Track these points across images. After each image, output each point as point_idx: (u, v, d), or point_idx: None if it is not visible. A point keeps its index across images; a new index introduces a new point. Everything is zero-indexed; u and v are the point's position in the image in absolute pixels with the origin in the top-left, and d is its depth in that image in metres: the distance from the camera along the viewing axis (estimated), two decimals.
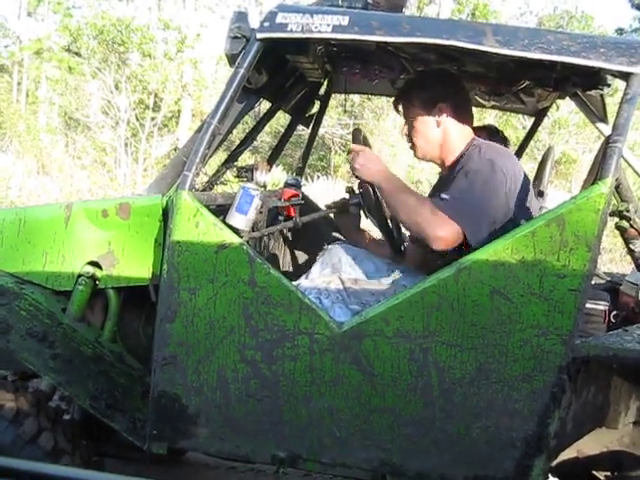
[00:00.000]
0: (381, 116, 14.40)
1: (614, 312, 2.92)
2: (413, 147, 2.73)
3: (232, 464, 3.45)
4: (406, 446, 2.22)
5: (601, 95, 2.83)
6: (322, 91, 3.56)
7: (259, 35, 2.33)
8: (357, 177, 2.51)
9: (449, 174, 2.58)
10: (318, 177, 13.13)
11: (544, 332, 2.12)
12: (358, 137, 2.67)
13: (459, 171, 2.46)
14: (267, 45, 2.37)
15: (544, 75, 2.68)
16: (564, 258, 2.09)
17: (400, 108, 2.74)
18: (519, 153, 3.62)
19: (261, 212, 2.79)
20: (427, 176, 12.23)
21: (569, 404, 2.19)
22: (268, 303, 2.23)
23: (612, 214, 2.20)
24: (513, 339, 2.14)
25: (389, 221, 2.71)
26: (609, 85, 2.71)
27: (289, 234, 3.48)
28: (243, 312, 2.24)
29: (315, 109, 3.63)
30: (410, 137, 2.70)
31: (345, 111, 14.43)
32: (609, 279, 3.33)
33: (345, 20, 2.31)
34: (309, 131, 3.69)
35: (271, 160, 3.49)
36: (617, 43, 2.25)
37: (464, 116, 2.66)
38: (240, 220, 2.45)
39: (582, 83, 2.70)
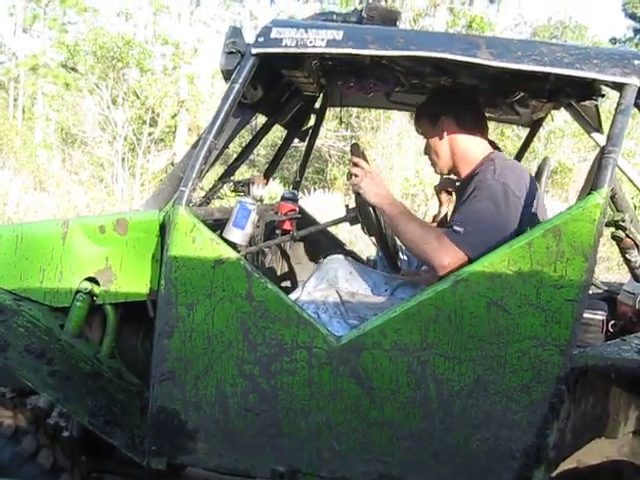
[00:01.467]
0: (378, 128, 14.44)
1: (612, 322, 2.92)
2: (432, 164, 2.80)
3: (232, 479, 3.44)
4: (405, 459, 2.22)
5: (595, 105, 2.85)
6: (318, 105, 3.57)
7: (254, 50, 2.34)
8: (361, 198, 2.51)
9: (464, 187, 2.59)
10: (315, 190, 13.15)
11: (542, 343, 2.12)
12: (357, 152, 2.68)
13: (472, 191, 2.45)
14: (262, 60, 2.39)
15: (538, 86, 2.69)
16: (561, 269, 2.10)
17: (419, 132, 2.83)
18: None
19: (258, 226, 2.80)
20: (423, 189, 12.26)
21: (568, 415, 2.19)
22: (266, 317, 2.23)
23: (608, 224, 2.21)
24: (511, 350, 2.14)
25: (387, 237, 2.71)
26: (603, 95, 2.73)
27: (287, 248, 3.49)
28: (241, 327, 2.24)
29: (311, 123, 3.64)
30: (427, 155, 2.79)
31: (341, 123, 14.47)
32: (606, 289, 3.34)
33: (339, 34, 2.32)
34: (305, 145, 3.70)
35: (267, 174, 3.50)
36: (610, 54, 2.26)
37: (471, 127, 2.68)
38: (237, 235, 2.46)
39: (576, 94, 2.71)
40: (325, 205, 10.61)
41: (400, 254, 3.27)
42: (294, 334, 2.21)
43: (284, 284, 3.54)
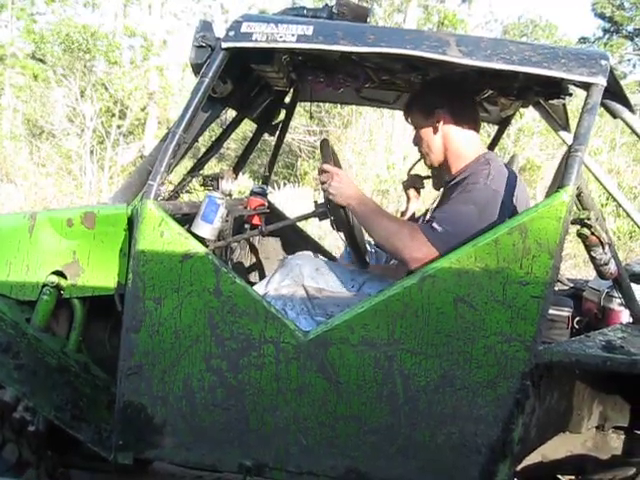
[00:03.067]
0: (349, 124, 14.45)
1: (577, 318, 2.96)
2: (422, 156, 2.77)
3: (199, 474, 3.43)
4: (372, 454, 2.23)
5: (563, 104, 2.88)
6: (288, 99, 3.57)
7: (224, 44, 2.33)
8: (331, 200, 2.50)
9: (454, 185, 2.57)
10: (285, 184, 13.11)
11: (507, 339, 2.15)
12: (326, 148, 2.68)
13: (461, 192, 2.44)
14: (232, 54, 2.38)
15: (507, 84, 2.72)
16: (527, 265, 2.12)
17: (409, 122, 2.80)
18: None
19: (227, 221, 2.79)
20: (394, 185, 12.29)
21: (533, 410, 2.21)
22: (234, 312, 2.22)
23: (574, 222, 2.23)
24: (477, 346, 2.16)
25: (355, 232, 2.71)
26: (571, 94, 2.76)
27: (256, 242, 3.48)
28: (209, 321, 2.24)
29: (281, 117, 3.64)
30: (418, 146, 2.75)
31: (312, 118, 14.45)
32: (572, 285, 3.38)
33: (310, 30, 2.32)
34: (275, 139, 3.70)
35: (237, 168, 3.49)
36: (578, 54, 2.29)
37: (465, 122, 2.66)
38: (206, 229, 2.45)
39: (544, 92, 2.74)
40: (295, 200, 10.59)
41: (369, 248, 3.28)
42: (262, 329, 2.21)
43: (253, 279, 3.54)
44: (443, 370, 2.18)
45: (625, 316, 3.01)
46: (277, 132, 3.64)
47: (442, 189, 2.86)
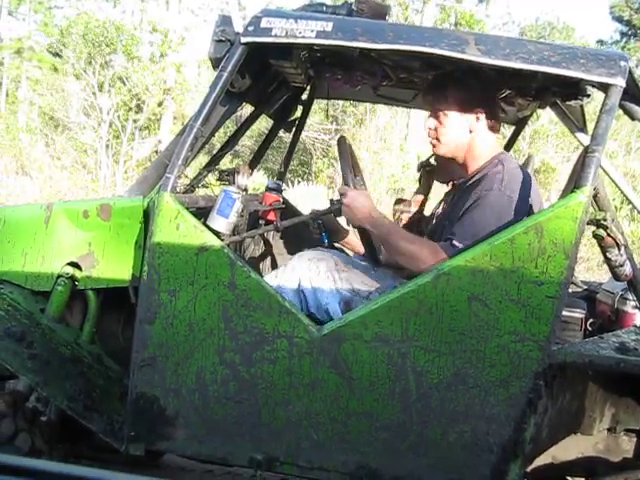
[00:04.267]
0: (364, 122, 14.45)
1: (591, 320, 2.95)
2: (435, 143, 2.64)
3: (209, 467, 3.44)
4: (383, 450, 2.23)
5: (581, 105, 2.87)
6: (305, 96, 3.57)
7: (243, 39, 2.34)
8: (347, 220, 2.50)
9: (468, 188, 2.55)
10: (299, 182, 13.13)
11: (521, 338, 2.14)
12: (343, 146, 2.67)
13: (476, 200, 2.40)
14: (251, 49, 2.38)
15: (525, 84, 2.71)
16: (542, 265, 2.12)
17: (429, 100, 2.65)
18: None
19: (242, 216, 2.79)
20: (409, 185, 12.29)
21: (545, 410, 2.21)
22: (248, 306, 2.23)
23: (589, 222, 2.23)
24: (490, 345, 2.15)
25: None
26: (588, 95, 2.75)
27: (270, 238, 3.49)
28: (223, 315, 2.25)
29: (297, 114, 3.64)
30: (435, 133, 2.62)
31: (327, 117, 14.45)
32: (586, 287, 3.37)
33: (329, 26, 2.32)
34: (291, 136, 3.70)
35: (253, 164, 3.50)
36: (597, 54, 2.28)
37: (496, 125, 2.63)
38: (221, 223, 2.46)
39: (562, 93, 2.73)
40: (309, 198, 10.60)
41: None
42: (276, 323, 2.22)
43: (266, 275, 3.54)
44: (456, 368, 2.18)
45: (639, 319, 3.01)
46: (293, 129, 3.64)
47: (450, 186, 2.85)
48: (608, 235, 2.22)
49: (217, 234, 2.41)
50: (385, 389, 2.20)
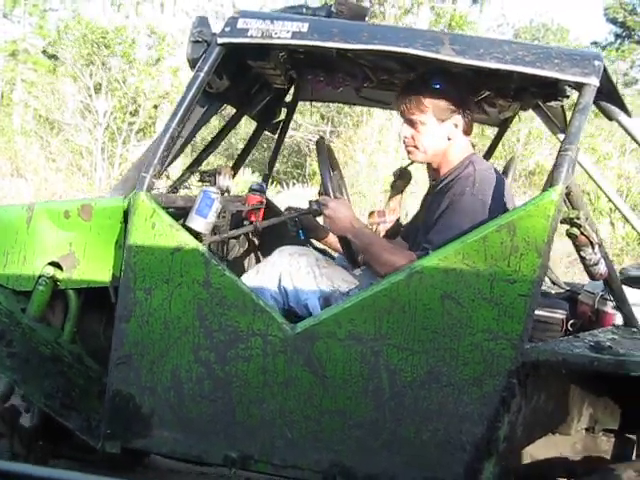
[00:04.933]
0: (360, 123, 14.46)
1: (571, 321, 2.96)
2: (412, 150, 2.62)
3: (203, 470, 3.42)
4: (357, 448, 2.24)
5: (561, 106, 2.88)
6: (289, 98, 3.58)
7: (220, 40, 2.35)
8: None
9: (439, 192, 2.56)
10: (294, 184, 13.14)
11: (494, 336, 2.15)
12: (322, 148, 2.68)
13: (448, 205, 2.41)
14: (228, 50, 2.39)
15: (502, 85, 2.72)
16: (514, 264, 2.12)
17: (404, 108, 2.57)
18: None
19: (224, 216, 2.81)
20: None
21: (519, 408, 2.21)
22: (222, 304, 2.24)
23: (563, 221, 2.23)
24: (463, 343, 2.16)
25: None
26: (568, 96, 2.76)
27: (255, 238, 3.50)
28: (198, 313, 2.26)
29: (282, 116, 3.65)
30: (412, 141, 2.59)
31: (322, 117, 14.46)
32: (569, 289, 3.38)
33: (305, 27, 2.33)
34: (276, 138, 3.71)
35: (236, 166, 3.51)
36: (571, 54, 2.29)
37: (470, 128, 2.63)
38: (200, 223, 2.47)
39: (541, 94, 2.74)
40: (304, 199, 10.58)
41: None
42: (250, 321, 2.23)
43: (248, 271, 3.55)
44: (429, 366, 2.18)
45: (619, 319, 3.02)
46: (278, 131, 3.66)
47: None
48: (582, 234, 2.22)
49: (196, 234, 2.42)
50: (358, 387, 2.21)
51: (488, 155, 3.71)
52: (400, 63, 2.67)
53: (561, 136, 3.13)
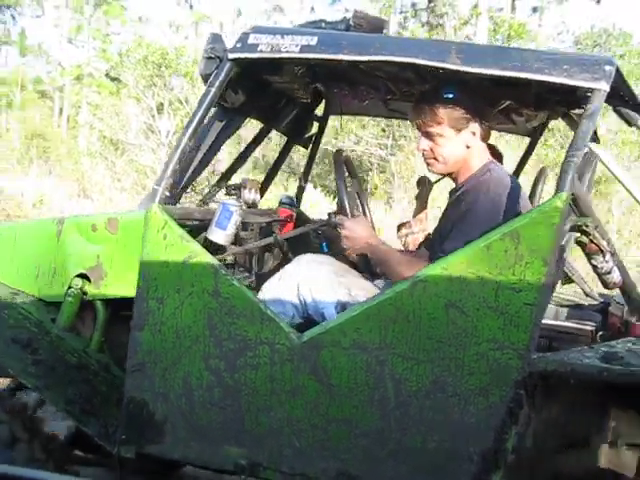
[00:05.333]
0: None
1: (600, 332, 2.90)
2: (432, 162, 2.62)
3: (223, 477, 3.47)
4: (363, 457, 2.24)
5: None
6: (320, 112, 3.63)
7: (231, 55, 2.42)
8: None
9: (457, 198, 2.59)
10: None
11: (500, 346, 2.12)
12: (340, 160, 2.71)
13: (465, 212, 2.42)
14: (243, 65, 2.46)
15: (520, 94, 2.70)
16: (519, 272, 2.10)
17: (419, 122, 2.57)
18: (516, 173, 3.60)
19: (252, 229, 2.87)
20: None
21: (528, 420, 2.17)
22: (231, 314, 2.29)
23: (572, 229, 2.20)
24: (469, 353, 2.14)
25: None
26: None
27: (282, 250, 3.54)
28: (208, 322, 2.31)
29: (314, 130, 3.70)
30: (431, 153, 2.59)
31: (384, 131, 14.43)
32: (602, 300, 3.31)
33: (314, 40, 2.38)
34: (309, 152, 3.75)
35: (267, 181, 3.56)
36: (581, 60, 2.27)
37: (488, 134, 2.64)
38: (219, 235, 2.55)
39: (566, 102, 2.71)
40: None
41: None
42: (258, 330, 2.27)
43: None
44: (434, 376, 2.17)
45: None
46: (311, 145, 3.71)
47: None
48: (591, 242, 2.18)
49: (218, 246, 2.49)
50: (364, 396, 2.22)
51: (521, 164, 3.66)
52: (415, 74, 2.67)
53: (590, 144, 3.09)
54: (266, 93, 2.95)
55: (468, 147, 2.57)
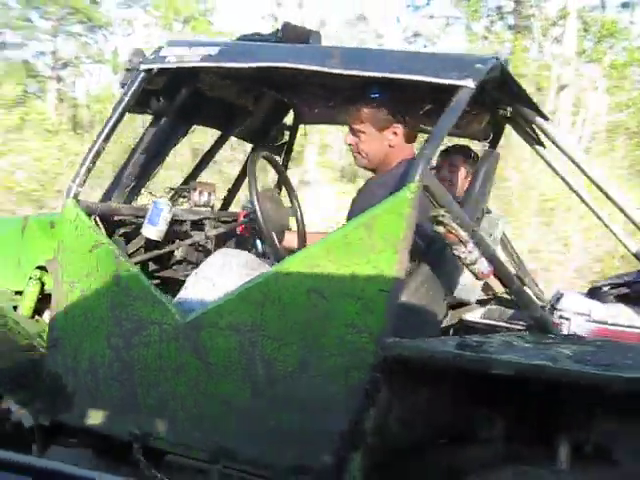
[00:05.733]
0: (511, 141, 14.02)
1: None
2: (357, 156, 2.77)
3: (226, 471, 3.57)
4: (238, 432, 2.39)
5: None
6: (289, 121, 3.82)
7: (143, 66, 2.68)
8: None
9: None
10: None
11: (358, 330, 2.22)
12: (252, 159, 2.88)
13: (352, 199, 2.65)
14: (168, 75, 2.73)
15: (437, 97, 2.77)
16: (373, 260, 2.20)
17: (346, 118, 2.77)
18: None
19: (184, 223, 3.09)
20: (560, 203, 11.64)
21: (389, 404, 2.25)
22: (129, 296, 2.52)
23: (429, 219, 2.27)
24: (329, 335, 2.25)
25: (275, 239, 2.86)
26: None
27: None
28: (110, 304, 2.56)
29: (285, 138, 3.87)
30: (356, 147, 2.74)
31: None
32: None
33: (215, 50, 2.60)
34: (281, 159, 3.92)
35: (234, 187, 3.80)
36: (453, 59, 2.42)
37: (413, 135, 2.76)
38: (151, 230, 2.81)
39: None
40: None
41: None
42: (150, 311, 2.49)
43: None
44: (300, 357, 2.29)
45: (578, 327, 2.94)
46: (283, 152, 3.90)
47: None
48: (449, 232, 2.26)
49: (151, 241, 2.76)
50: (238, 375, 2.38)
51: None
52: (347, 82, 2.78)
53: (539, 148, 3.13)
54: (209, 102, 3.18)
55: (391, 146, 2.70)
